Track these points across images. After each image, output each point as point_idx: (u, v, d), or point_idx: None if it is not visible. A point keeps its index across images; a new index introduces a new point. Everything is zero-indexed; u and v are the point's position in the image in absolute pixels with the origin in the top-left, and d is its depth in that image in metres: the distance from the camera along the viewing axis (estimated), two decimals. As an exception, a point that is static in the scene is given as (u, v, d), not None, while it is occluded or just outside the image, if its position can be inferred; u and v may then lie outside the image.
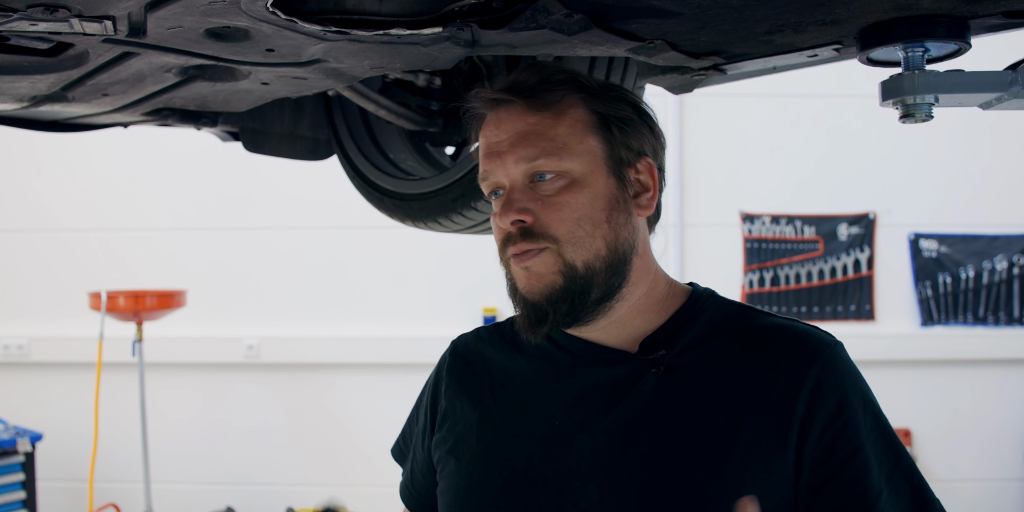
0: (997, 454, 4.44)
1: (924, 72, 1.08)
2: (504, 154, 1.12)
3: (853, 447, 1.06)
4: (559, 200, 1.09)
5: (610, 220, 1.11)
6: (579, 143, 1.11)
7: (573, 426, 1.13)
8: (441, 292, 4.50)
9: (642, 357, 1.13)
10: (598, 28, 1.16)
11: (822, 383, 1.07)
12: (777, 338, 1.12)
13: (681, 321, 1.16)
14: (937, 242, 4.46)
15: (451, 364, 1.31)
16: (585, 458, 1.10)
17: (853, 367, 1.12)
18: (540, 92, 1.12)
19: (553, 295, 1.09)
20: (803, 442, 1.05)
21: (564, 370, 1.18)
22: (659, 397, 1.10)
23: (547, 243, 1.09)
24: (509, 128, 1.12)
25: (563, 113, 1.12)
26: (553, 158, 1.10)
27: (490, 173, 1.14)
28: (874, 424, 1.09)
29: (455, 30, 1.19)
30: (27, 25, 1.09)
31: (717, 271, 4.45)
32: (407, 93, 1.87)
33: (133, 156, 4.52)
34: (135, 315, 3.83)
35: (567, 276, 1.09)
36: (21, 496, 3.84)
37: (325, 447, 4.52)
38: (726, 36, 1.21)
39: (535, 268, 1.10)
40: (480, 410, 1.22)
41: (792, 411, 1.06)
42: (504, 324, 1.32)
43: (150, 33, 1.17)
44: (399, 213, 1.93)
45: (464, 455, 1.20)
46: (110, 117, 1.80)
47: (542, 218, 1.09)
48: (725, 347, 1.13)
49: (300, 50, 1.27)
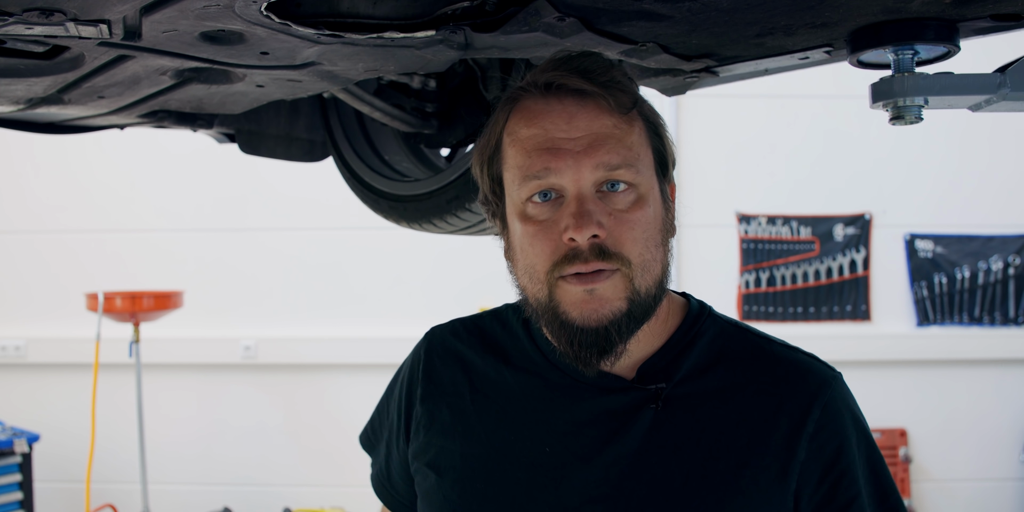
0: (993, 454, 4.44)
1: (914, 74, 1.09)
2: (579, 155, 0.98)
3: (852, 494, 1.04)
4: (632, 217, 0.99)
5: (664, 242, 1.03)
6: (644, 155, 1.02)
7: (566, 456, 1.06)
8: (438, 293, 4.50)
9: (640, 387, 1.06)
10: (590, 31, 1.17)
11: (823, 427, 1.04)
12: (778, 373, 1.07)
13: (680, 346, 1.10)
14: (933, 243, 4.47)
15: (427, 365, 1.21)
16: (578, 491, 1.04)
17: (850, 403, 1.09)
18: (615, 90, 1.00)
19: (619, 323, 0.99)
20: (802, 487, 1.03)
21: (557, 392, 1.10)
22: (657, 432, 1.04)
23: (619, 265, 0.97)
24: (584, 126, 0.99)
25: (634, 119, 1.02)
26: (632, 169, 0.99)
27: (551, 172, 0.99)
28: (867, 463, 1.06)
29: (448, 33, 1.20)
30: (23, 29, 1.10)
31: (713, 272, 4.46)
32: (402, 95, 1.88)
33: (131, 157, 4.52)
34: (132, 316, 3.83)
35: (633, 302, 0.99)
36: (18, 497, 3.84)
37: (322, 447, 4.52)
38: (717, 39, 1.22)
39: (602, 291, 0.98)
40: (462, 423, 1.14)
41: (793, 457, 1.03)
42: (483, 323, 1.22)
43: (145, 36, 1.17)
44: (394, 214, 1.93)
45: (446, 472, 1.12)
46: (106, 119, 1.81)
47: (616, 236, 0.98)
48: (725, 378, 1.08)
49: (294, 53, 1.28)
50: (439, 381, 1.18)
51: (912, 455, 4.41)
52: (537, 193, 1.01)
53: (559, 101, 1.01)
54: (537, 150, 1.00)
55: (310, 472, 4.52)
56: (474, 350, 1.19)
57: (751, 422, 1.04)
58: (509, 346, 1.17)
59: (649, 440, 1.04)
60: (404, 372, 1.27)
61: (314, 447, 4.53)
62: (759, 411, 1.05)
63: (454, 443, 1.13)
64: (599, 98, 1.00)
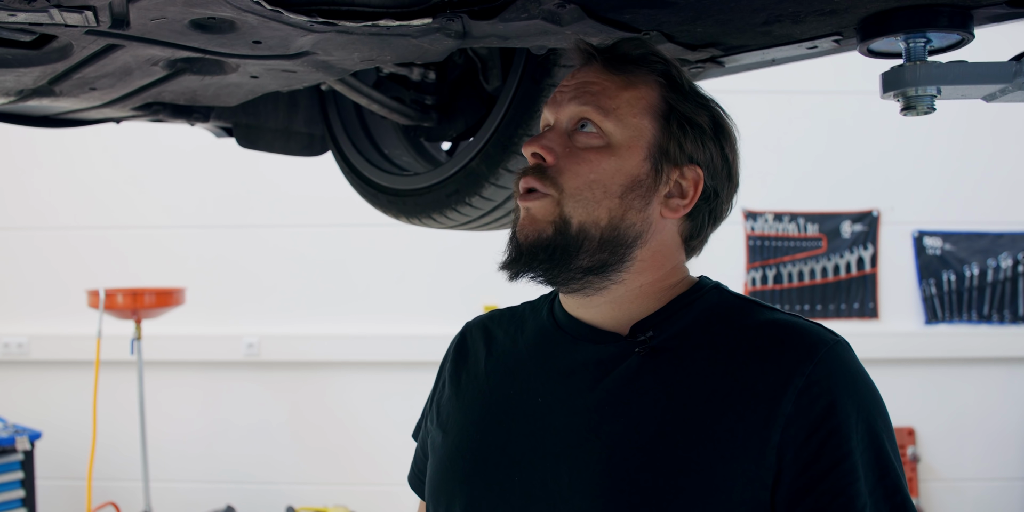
0: (1001, 453, 4.41)
1: (926, 63, 1.06)
2: (567, 97, 1.11)
3: (841, 454, 0.99)
4: (585, 156, 1.09)
5: (624, 197, 1.08)
6: (633, 116, 1.10)
7: (553, 403, 1.11)
8: (442, 289, 4.48)
9: (630, 339, 1.10)
10: (592, 18, 1.15)
11: (813, 383, 1.00)
12: (773, 332, 1.06)
13: (677, 307, 1.12)
14: (941, 239, 4.43)
15: (459, 344, 1.31)
16: (561, 438, 1.08)
17: (854, 368, 1.05)
18: (626, 62, 1.12)
19: (538, 243, 1.09)
20: (785, 444, 0.99)
21: (554, 347, 1.17)
22: (640, 379, 1.06)
23: (552, 190, 1.08)
24: (580, 79, 1.12)
25: (634, 85, 1.11)
26: (601, 113, 1.09)
27: (546, 114, 1.14)
28: (867, 431, 1.02)
29: (445, 21, 1.17)
30: (6, 16, 1.07)
31: (720, 269, 4.39)
32: (401, 88, 1.85)
33: (132, 153, 4.51)
34: (134, 313, 3.81)
35: (558, 230, 1.08)
36: (20, 494, 3.83)
37: (325, 445, 4.50)
38: (723, 27, 1.19)
39: (533, 211, 1.10)
40: (472, 385, 1.23)
41: (776, 410, 1.00)
42: (516, 308, 1.32)
43: (133, 24, 1.14)
44: (394, 209, 1.90)
45: (451, 429, 1.20)
46: (100, 112, 1.78)
47: (560, 164, 1.09)
48: (718, 337, 1.08)
49: (288, 42, 1.25)
50: (465, 354, 1.29)
51: (920, 454, 4.38)
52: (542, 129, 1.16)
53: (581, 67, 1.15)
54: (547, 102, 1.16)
55: (313, 470, 4.50)
56: (501, 327, 1.28)
57: (738, 376, 1.03)
58: (529, 319, 1.26)
59: (629, 386, 1.07)
60: (443, 358, 1.35)
61: (317, 445, 4.52)
62: (749, 366, 1.03)
63: (462, 403, 1.22)
64: (603, 62, 1.12)
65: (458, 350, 1.30)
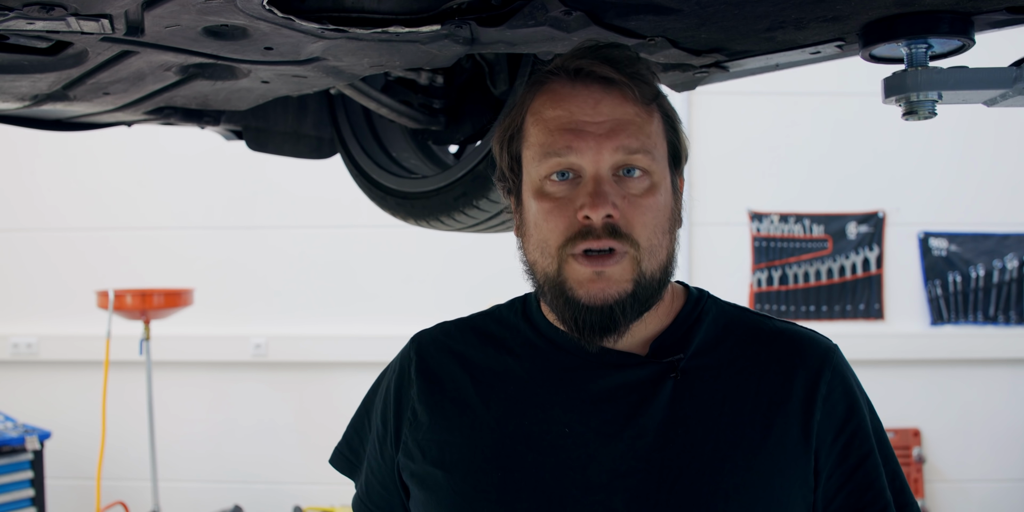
0: (1007, 454, 4.41)
1: (927, 69, 1.08)
2: (601, 137, 1.01)
3: (864, 452, 1.08)
4: (644, 203, 1.03)
5: (671, 231, 1.07)
6: (660, 146, 1.06)
7: (588, 434, 1.05)
8: (448, 291, 4.49)
9: (656, 360, 1.08)
10: (597, 25, 1.16)
11: (833, 389, 1.09)
12: (785, 343, 1.13)
13: (688, 323, 1.13)
14: (947, 241, 4.43)
15: (419, 365, 1.19)
16: (606, 468, 1.03)
17: (851, 370, 1.14)
18: (640, 81, 1.04)
19: (623, 304, 1.02)
20: (820, 447, 1.07)
21: (568, 373, 1.10)
22: (680, 402, 1.06)
23: (629, 247, 1.01)
24: (608, 112, 1.02)
25: (653, 111, 1.06)
26: (648, 156, 1.03)
27: (572, 151, 1.02)
28: (875, 426, 1.12)
29: (454, 27, 1.19)
30: (24, 24, 1.09)
31: (725, 270, 4.43)
32: (409, 91, 1.87)
33: (139, 155, 4.52)
34: (142, 314, 3.83)
35: (638, 285, 1.03)
36: (30, 494, 3.85)
37: (332, 445, 4.50)
38: (727, 33, 1.20)
39: (611, 273, 1.02)
40: (467, 415, 1.12)
41: (811, 417, 1.07)
42: (473, 321, 1.22)
43: (148, 31, 1.16)
44: (402, 211, 1.92)
45: (454, 467, 1.10)
46: (112, 116, 1.80)
47: (628, 218, 1.01)
48: (735, 351, 1.11)
49: (299, 48, 1.27)
50: (435, 379, 1.17)
51: (926, 455, 4.38)
52: (556, 172, 1.04)
53: (585, 86, 1.04)
54: (560, 130, 1.03)
55: (320, 470, 4.49)
56: (470, 345, 1.18)
57: (768, 389, 1.08)
58: (508, 337, 1.17)
59: (673, 410, 1.06)
60: (390, 378, 1.25)
61: (324, 445, 4.49)
62: (774, 378, 1.09)
63: (459, 437, 1.11)
64: (624, 87, 1.03)
65: (422, 373, 1.18)
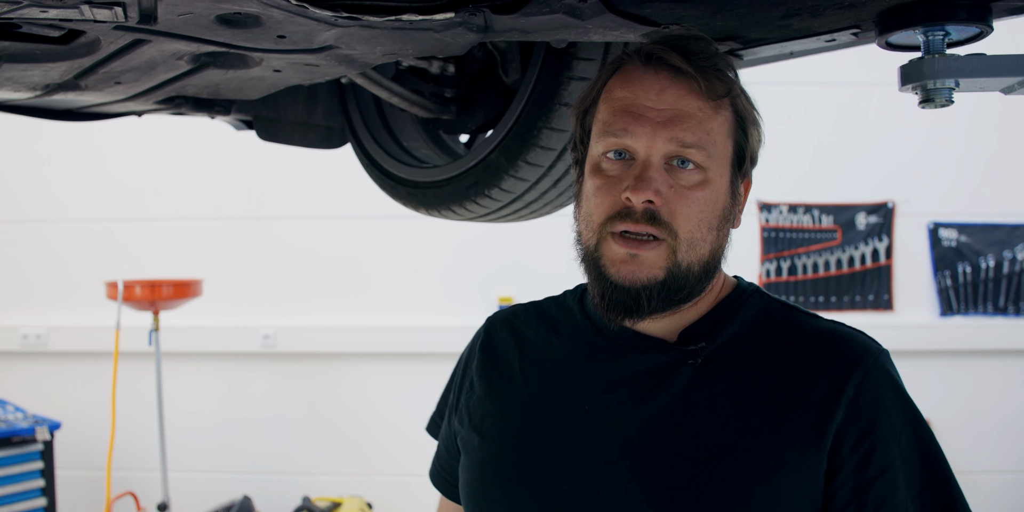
0: (1017, 445, 4.40)
1: (944, 56, 1.07)
2: (658, 125, 1.04)
3: (884, 465, 1.03)
4: (692, 195, 1.05)
5: (720, 228, 1.09)
6: (722, 144, 1.07)
7: (604, 413, 1.10)
8: (457, 281, 4.49)
9: (680, 347, 1.11)
10: (612, 13, 1.15)
11: (861, 393, 1.04)
12: (820, 341, 1.09)
13: (723, 314, 1.14)
14: (956, 231, 4.42)
15: (484, 341, 1.29)
16: (616, 447, 1.07)
17: (894, 376, 1.09)
18: (711, 76, 1.06)
19: (651, 289, 1.05)
20: (836, 451, 1.03)
21: (598, 354, 1.16)
22: (695, 390, 1.07)
23: (666, 235, 1.04)
24: (671, 101, 1.05)
25: (721, 108, 1.07)
26: (703, 151, 1.05)
27: (628, 134, 1.06)
28: (910, 439, 1.06)
29: (467, 15, 1.18)
30: (37, 12, 1.09)
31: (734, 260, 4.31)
32: (420, 80, 1.86)
33: (144, 147, 4.52)
34: (152, 304, 3.84)
35: (670, 274, 1.05)
36: (40, 484, 3.86)
37: (341, 436, 4.53)
38: (742, 20, 1.19)
39: (645, 257, 1.05)
40: (508, 387, 1.21)
41: (831, 418, 1.03)
42: (542, 303, 1.30)
43: (161, 20, 1.16)
44: (413, 201, 1.92)
45: (488, 432, 1.19)
46: (123, 105, 1.80)
47: (671, 207, 1.04)
48: (766, 345, 1.10)
49: (311, 36, 1.26)
50: (494, 354, 1.26)
51: (934, 446, 4.37)
52: (613, 150, 1.08)
53: (655, 73, 1.07)
54: (623, 111, 1.07)
55: (328, 461, 4.53)
56: (529, 326, 1.27)
57: (791, 385, 1.06)
58: (561, 318, 1.24)
59: (686, 397, 1.07)
60: (464, 352, 1.34)
61: (332, 435, 4.54)
62: (799, 375, 1.06)
63: (498, 406, 1.20)
64: (692, 79, 1.05)
65: (485, 348, 1.28)
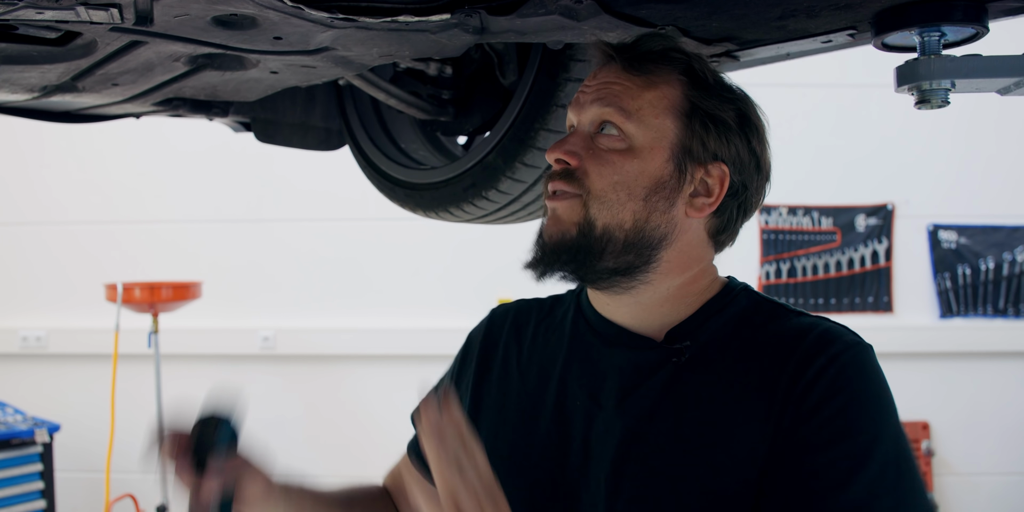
0: (1017, 447, 4.39)
1: (940, 57, 1.07)
2: (588, 97, 1.12)
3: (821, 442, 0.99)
4: (609, 158, 1.09)
5: (648, 199, 1.09)
6: (655, 117, 1.10)
7: (590, 407, 1.13)
8: (456, 284, 4.49)
9: (666, 345, 1.12)
10: (608, 14, 1.16)
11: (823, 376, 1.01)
12: (798, 334, 1.07)
13: (709, 313, 1.14)
14: (956, 233, 4.42)
15: (486, 332, 1.32)
16: (599, 440, 1.10)
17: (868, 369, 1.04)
18: (647, 61, 1.11)
19: (561, 244, 1.10)
20: (779, 425, 1.01)
21: (590, 351, 1.18)
22: (676, 386, 1.09)
23: (579, 190, 1.09)
24: (601, 79, 1.13)
25: (655, 85, 1.11)
26: (623, 116, 1.09)
27: (570, 110, 1.15)
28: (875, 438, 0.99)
29: (463, 17, 1.18)
30: (33, 13, 1.09)
31: (733, 262, 4.35)
32: (418, 82, 1.86)
33: (143, 149, 4.52)
34: (151, 307, 3.84)
35: (582, 231, 1.09)
36: (39, 486, 3.86)
37: (339, 438, 4.53)
38: (738, 21, 1.20)
39: (559, 212, 1.11)
40: (505, 380, 1.25)
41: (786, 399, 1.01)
42: (546, 299, 1.33)
43: (157, 21, 1.16)
44: (410, 203, 1.92)
45: (482, 423, 1.22)
46: (121, 107, 1.80)
47: (585, 166, 1.09)
48: (746, 342, 1.10)
49: (308, 38, 1.27)
50: (494, 345, 1.30)
51: (935, 449, 4.37)
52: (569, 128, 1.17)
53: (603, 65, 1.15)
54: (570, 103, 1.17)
55: (327, 463, 4.52)
56: (530, 320, 1.30)
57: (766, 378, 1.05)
58: (559, 314, 1.27)
59: (667, 393, 1.09)
60: (465, 342, 1.37)
61: (332, 437, 4.54)
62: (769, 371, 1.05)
63: (494, 398, 1.25)
64: (623, 63, 1.12)
65: (487, 337, 1.32)
